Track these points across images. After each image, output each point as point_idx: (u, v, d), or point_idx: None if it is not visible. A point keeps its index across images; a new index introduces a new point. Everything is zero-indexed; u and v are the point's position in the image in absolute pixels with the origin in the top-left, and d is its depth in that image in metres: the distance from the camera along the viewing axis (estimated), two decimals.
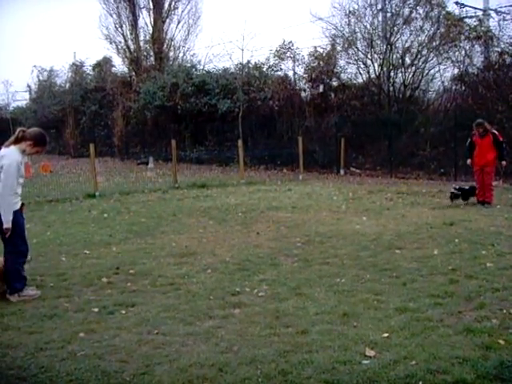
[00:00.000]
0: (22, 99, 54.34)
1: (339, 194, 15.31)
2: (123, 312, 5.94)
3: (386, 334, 4.94)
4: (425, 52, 22.55)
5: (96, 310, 6.04)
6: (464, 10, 22.86)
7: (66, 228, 11.32)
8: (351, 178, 20.40)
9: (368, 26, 23.79)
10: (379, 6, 23.76)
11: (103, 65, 39.22)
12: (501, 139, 12.51)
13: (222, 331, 5.24)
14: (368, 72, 24.17)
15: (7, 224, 6.51)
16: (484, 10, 23.46)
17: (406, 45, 22.88)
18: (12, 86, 76.32)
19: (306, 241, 9.21)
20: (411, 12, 22.68)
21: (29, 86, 49.78)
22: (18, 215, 6.70)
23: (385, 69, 23.39)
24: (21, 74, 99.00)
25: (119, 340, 5.14)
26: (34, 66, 49.41)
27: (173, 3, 36.41)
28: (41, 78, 46.98)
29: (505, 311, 5.45)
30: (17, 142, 6.68)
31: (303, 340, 4.93)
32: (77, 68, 41.91)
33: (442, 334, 4.92)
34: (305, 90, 26.75)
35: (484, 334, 4.87)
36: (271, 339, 4.99)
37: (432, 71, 23.19)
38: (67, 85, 42.99)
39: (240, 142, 20.34)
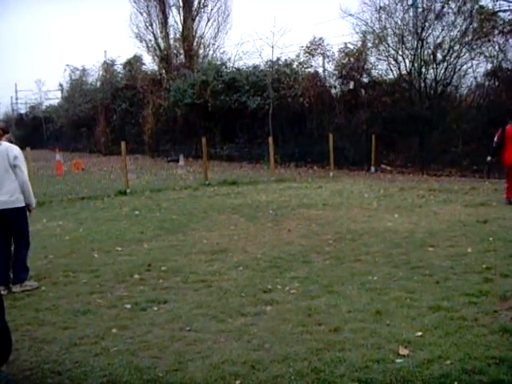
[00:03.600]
0: (54, 98, 55.09)
1: (370, 191, 15.21)
2: (155, 308, 5.97)
3: (419, 333, 4.87)
4: (457, 47, 22.21)
5: (128, 306, 6.08)
6: (498, 3, 22.46)
7: (97, 225, 11.43)
8: (382, 176, 20.25)
9: (399, 22, 23.54)
10: (410, 1, 23.48)
11: (133, 63, 39.49)
12: None
13: (254, 328, 5.23)
14: (399, 68, 23.92)
15: (34, 204, 7.03)
16: None
17: (438, 40, 22.56)
18: (45, 85, 77.42)
19: (338, 238, 9.16)
20: (443, 7, 22.35)
21: (61, 85, 50.47)
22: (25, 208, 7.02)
23: (416, 65, 23.11)
24: (53, 73, 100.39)
25: (152, 336, 5.17)
26: (67, 65, 50.04)
27: (202, 1, 36.51)
28: (73, 76, 47.55)
29: None
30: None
31: (336, 338, 4.89)
32: (108, 66, 42.28)
33: (477, 334, 4.83)
34: (335, 87, 26.62)
35: None
36: (303, 337, 4.96)
37: (464, 67, 22.82)
38: (98, 83, 43.43)
39: (270, 139, 20.32)
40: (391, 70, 24.38)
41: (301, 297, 6.15)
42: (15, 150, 6.90)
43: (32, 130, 52.60)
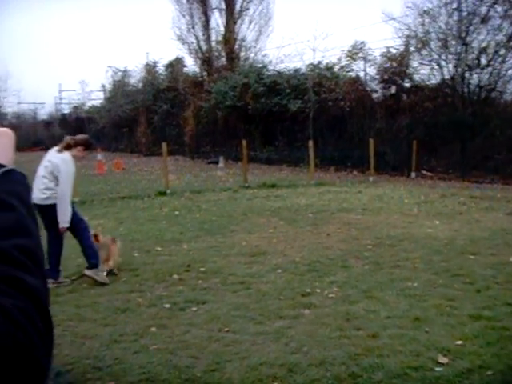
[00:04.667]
0: (96, 98, 55.78)
1: (410, 196, 15.05)
2: (194, 309, 6.03)
3: (459, 342, 4.82)
4: (502, 52, 21.84)
5: (167, 305, 6.15)
6: None
7: (138, 224, 11.55)
8: (422, 181, 20.02)
9: (443, 26, 23.24)
10: (455, 5, 23.14)
11: (175, 65, 39.77)
12: None
13: (292, 331, 5.24)
14: (442, 73, 23.64)
15: (65, 224, 7.05)
16: None
17: (483, 45, 22.20)
18: (88, 85, 78.55)
19: (377, 243, 9.09)
20: (489, 10, 22.00)
21: (103, 86, 51.08)
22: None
23: (459, 70, 22.80)
24: (96, 74, 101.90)
25: (190, 336, 5.21)
26: (109, 67, 50.70)
27: (244, 4, 36.58)
28: (115, 77, 48.11)
29: None
30: (68, 147, 7.20)
31: (374, 343, 4.87)
32: (150, 68, 42.68)
33: None
34: (376, 91, 26.44)
35: None
36: (341, 341, 4.95)
37: (510, 72, 22.39)
38: (140, 84, 43.85)
39: (311, 143, 20.27)
40: (434, 74, 24.14)
41: (339, 301, 6.14)
42: (64, 166, 7.02)
43: (75, 129, 53.14)
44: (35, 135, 58.12)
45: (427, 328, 5.21)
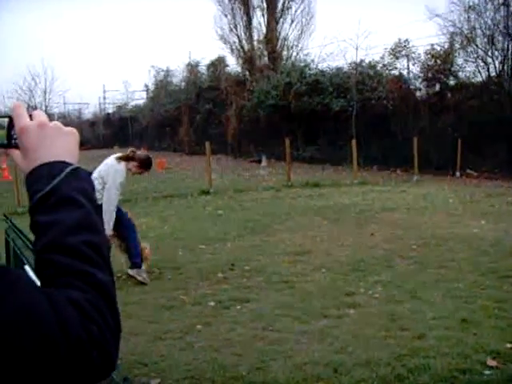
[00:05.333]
0: (139, 98, 56.38)
1: (455, 196, 14.82)
2: (238, 307, 6.05)
3: (509, 345, 4.70)
4: None
5: (212, 303, 6.19)
6: None
7: (181, 223, 11.65)
8: (468, 181, 19.70)
9: (489, 22, 22.80)
10: (501, 0, 22.73)
11: (217, 64, 39.91)
12: None
13: (337, 331, 5.21)
14: (488, 70, 23.20)
15: (110, 231, 7.01)
16: None
17: None
18: (131, 85, 79.53)
19: (422, 243, 8.98)
20: None
21: (146, 86, 51.60)
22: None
23: (506, 66, 22.38)
24: (139, 74, 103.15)
25: (235, 334, 5.24)
26: (152, 66, 51.10)
27: (286, 3, 36.51)
28: (157, 77, 48.52)
29: None
30: (127, 159, 7.30)
31: (420, 344, 4.81)
32: (192, 67, 42.91)
33: None
34: (420, 89, 26.09)
35: None
36: (387, 342, 4.91)
37: None
38: (182, 84, 44.13)
39: (354, 142, 20.15)
40: (479, 72, 23.69)
41: (384, 301, 6.09)
42: (112, 176, 7.13)
43: (118, 129, 54.01)
44: (80, 135, 58.69)
45: (475, 330, 5.11)
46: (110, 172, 7.16)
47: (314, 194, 16.04)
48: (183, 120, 40.79)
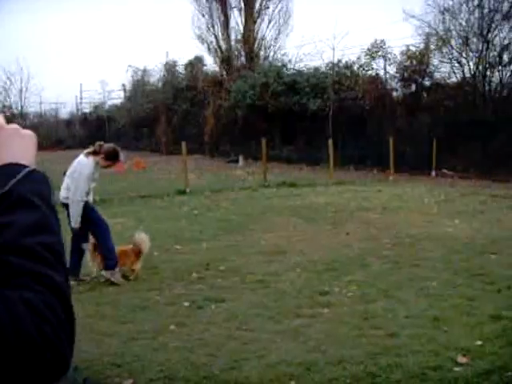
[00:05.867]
0: (117, 97, 56.01)
1: (430, 195, 14.95)
2: (213, 307, 6.06)
3: (479, 342, 4.78)
4: None
5: (186, 304, 6.18)
6: None
7: (157, 223, 11.59)
8: (443, 180, 19.87)
9: (463, 23, 23.04)
10: (476, 2, 22.94)
11: (195, 64, 39.82)
12: None
13: (310, 330, 5.25)
14: (463, 71, 23.43)
15: (76, 224, 7.11)
16: None
17: (505, 42, 22.02)
18: (108, 85, 78.93)
19: (396, 242, 9.06)
20: (511, 7, 21.80)
21: (123, 85, 51.29)
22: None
23: (480, 67, 22.61)
24: (116, 73, 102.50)
25: (209, 334, 5.25)
26: (129, 66, 50.76)
27: (264, 3, 36.50)
28: (135, 77, 48.29)
29: None
30: (94, 153, 7.31)
31: (392, 343, 4.86)
32: (169, 67, 42.78)
33: None
34: (396, 90, 26.30)
35: None
36: (360, 340, 4.95)
37: None
38: (160, 84, 43.96)
39: (330, 142, 20.23)
40: (454, 72, 23.94)
41: (358, 300, 6.14)
42: (79, 169, 7.20)
43: (95, 129, 53.61)
44: (57, 134, 58.58)
45: (446, 328, 5.18)
46: (77, 167, 7.25)
47: (290, 193, 16.08)
48: (160, 120, 40.65)
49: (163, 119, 40.31)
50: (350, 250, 8.58)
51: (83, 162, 7.25)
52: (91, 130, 54.11)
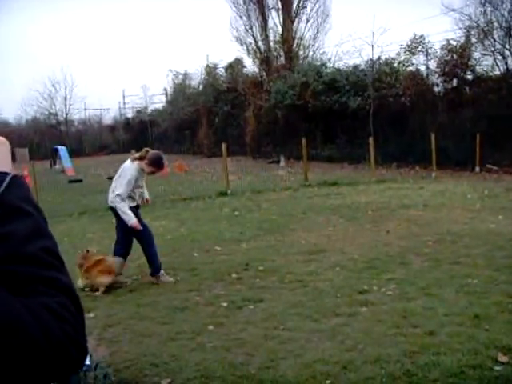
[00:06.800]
0: (158, 102, 56.79)
1: (474, 191, 14.70)
2: (251, 307, 6.08)
3: None
4: None
5: (225, 304, 6.22)
6: None
7: (198, 225, 11.70)
8: (487, 176, 19.52)
9: (506, 14, 22.62)
10: None
11: (235, 66, 40.07)
12: None
13: (348, 329, 5.22)
14: (506, 63, 23.01)
15: (131, 221, 7.25)
16: None
17: None
18: (149, 89, 80.00)
19: (438, 240, 8.94)
20: None
21: (165, 89, 51.96)
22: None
23: None
24: (157, 78, 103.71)
25: (246, 334, 5.27)
26: (170, 70, 51.44)
27: (301, 2, 36.53)
28: (176, 81, 48.83)
29: None
30: (140, 159, 7.43)
31: (431, 341, 4.80)
32: (210, 70, 43.11)
33: None
34: (437, 85, 25.95)
35: None
36: (397, 339, 4.90)
37: None
38: (201, 87, 44.36)
39: (371, 140, 20.08)
40: (497, 65, 23.52)
41: (397, 298, 6.08)
42: (124, 174, 7.37)
43: (138, 133, 54.42)
44: (101, 140, 59.61)
45: (487, 326, 5.08)
46: (122, 171, 7.43)
47: (331, 192, 16.03)
48: (202, 122, 41.00)
49: (204, 122, 40.64)
50: (390, 248, 8.51)
51: (127, 166, 7.42)
52: (134, 134, 54.98)
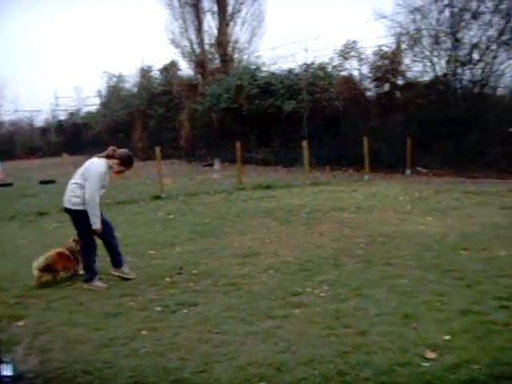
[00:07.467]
0: (92, 104, 55.82)
1: (405, 194, 15.07)
2: (185, 311, 6.04)
3: (447, 337, 4.83)
4: (494, 47, 21.88)
5: (159, 308, 6.17)
6: None
7: (132, 229, 11.56)
8: (417, 178, 20.05)
9: (434, 23, 23.28)
10: (446, 1, 23.16)
11: (170, 69, 39.83)
12: None
13: (282, 331, 5.25)
14: (434, 69, 23.66)
15: (97, 225, 7.28)
16: None
17: (474, 40, 22.25)
18: (83, 91, 78.62)
19: (369, 241, 9.11)
20: (479, 6, 22.04)
21: (99, 92, 51.16)
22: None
23: (452, 66, 22.86)
24: (91, 79, 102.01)
25: (180, 338, 5.23)
26: (104, 72, 50.72)
27: (236, 6, 36.64)
28: (110, 83, 48.18)
29: None
30: (108, 157, 7.34)
31: (362, 341, 4.89)
32: (144, 72, 42.73)
33: (507, 339, 4.75)
34: (370, 90, 26.47)
35: None
36: (330, 340, 4.97)
37: (502, 67, 22.37)
38: (135, 89, 43.93)
39: (305, 143, 20.28)
40: (427, 71, 24.15)
41: (330, 300, 6.15)
42: (92, 169, 7.21)
43: (71, 136, 53.47)
44: (32, 142, 58.20)
45: (416, 324, 5.22)
46: (90, 167, 7.27)
47: (265, 195, 16.13)
48: (136, 125, 40.59)
49: (139, 125, 40.26)
50: (323, 250, 8.62)
51: (97, 162, 7.28)
52: (67, 137, 53.94)
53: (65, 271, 7.73)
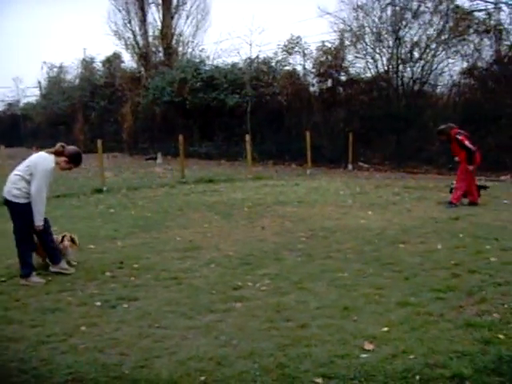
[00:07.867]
0: (32, 95, 54.55)
1: (346, 188, 15.28)
2: (125, 306, 5.97)
3: (385, 328, 4.94)
4: (433, 46, 22.42)
5: (98, 303, 6.08)
6: (474, 3, 22.54)
7: (71, 223, 11.33)
8: (359, 173, 20.36)
9: (376, 20, 23.68)
10: (388, 0, 23.61)
11: (113, 61, 39.22)
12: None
13: (223, 325, 5.26)
14: (376, 66, 24.06)
15: (40, 222, 7.19)
16: (495, 4, 23.16)
17: (415, 39, 22.75)
18: (22, 82, 76.66)
19: (311, 235, 9.20)
20: (419, 6, 22.55)
21: (39, 82, 49.96)
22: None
23: (393, 63, 23.28)
24: (31, 70, 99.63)
25: (120, 333, 5.17)
26: (44, 63, 49.61)
27: None
28: (50, 74, 47.13)
29: (506, 306, 5.42)
30: (56, 153, 7.21)
31: (302, 334, 4.94)
32: (87, 64, 41.97)
33: (441, 329, 4.90)
34: (313, 85, 26.70)
35: (484, 329, 4.84)
36: (271, 333, 5.00)
37: (441, 65, 22.92)
38: (77, 81, 43.08)
39: (248, 137, 20.31)
40: (369, 68, 24.55)
41: (271, 293, 6.19)
42: (41, 165, 7.03)
43: (9, 127, 52.08)
44: None
45: (355, 317, 5.30)
46: (38, 162, 7.09)
47: (207, 189, 16.10)
48: (78, 118, 39.83)
49: (80, 117, 39.54)
50: (265, 244, 8.66)
51: (46, 158, 7.12)
52: (4, 128, 52.43)
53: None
